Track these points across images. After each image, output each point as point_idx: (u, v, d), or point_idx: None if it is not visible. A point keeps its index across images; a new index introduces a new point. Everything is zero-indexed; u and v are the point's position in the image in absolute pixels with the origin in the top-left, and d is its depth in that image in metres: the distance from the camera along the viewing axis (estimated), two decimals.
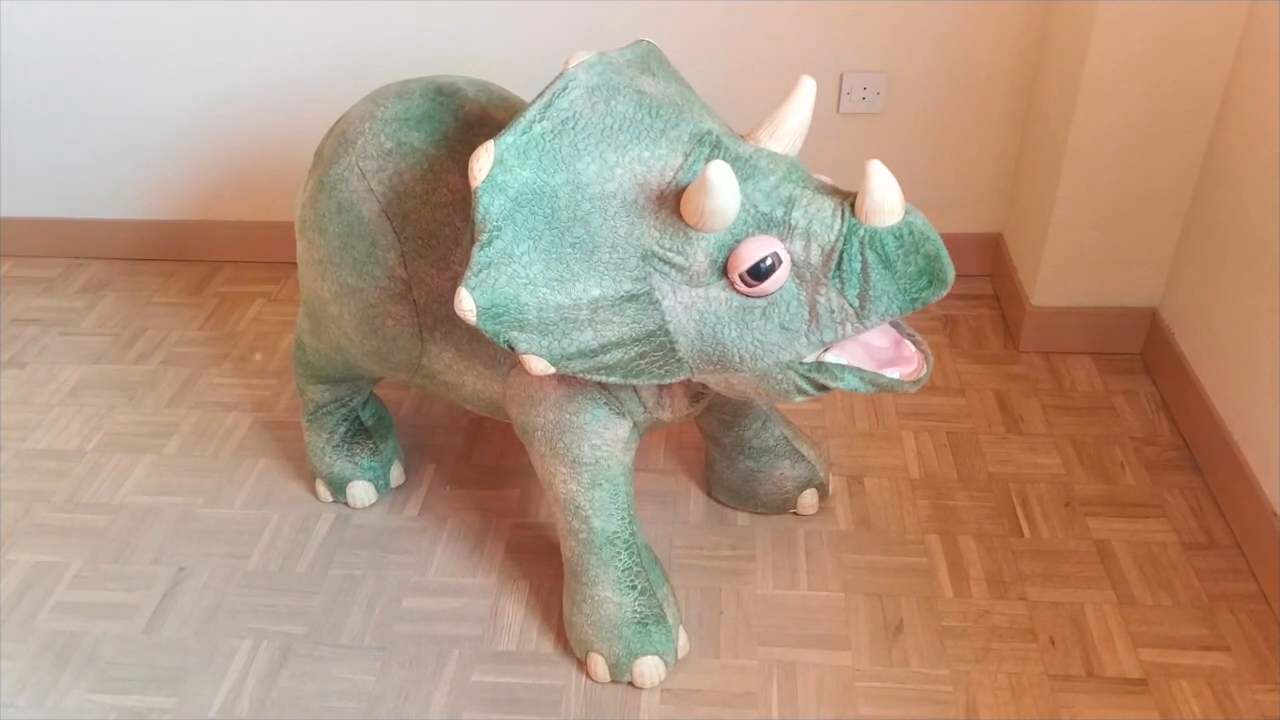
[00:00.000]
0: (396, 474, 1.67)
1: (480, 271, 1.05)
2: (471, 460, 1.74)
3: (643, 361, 1.14)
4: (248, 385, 1.94)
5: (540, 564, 1.54)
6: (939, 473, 1.68)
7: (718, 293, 1.08)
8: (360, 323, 1.39)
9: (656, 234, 1.07)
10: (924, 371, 1.14)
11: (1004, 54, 1.90)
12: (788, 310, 1.07)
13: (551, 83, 1.07)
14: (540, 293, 1.08)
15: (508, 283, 1.06)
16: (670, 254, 1.07)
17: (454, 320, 1.32)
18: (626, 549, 1.35)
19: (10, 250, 2.38)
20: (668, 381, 1.17)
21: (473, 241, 1.05)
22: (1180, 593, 1.45)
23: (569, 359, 1.12)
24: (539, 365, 1.11)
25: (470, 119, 1.30)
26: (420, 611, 1.48)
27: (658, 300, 1.10)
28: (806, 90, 1.12)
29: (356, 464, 1.63)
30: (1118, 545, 1.53)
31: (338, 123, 1.39)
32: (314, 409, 1.62)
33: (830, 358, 1.11)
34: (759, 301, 1.07)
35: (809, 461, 1.57)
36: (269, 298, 2.21)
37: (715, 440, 1.57)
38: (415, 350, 1.38)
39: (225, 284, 2.26)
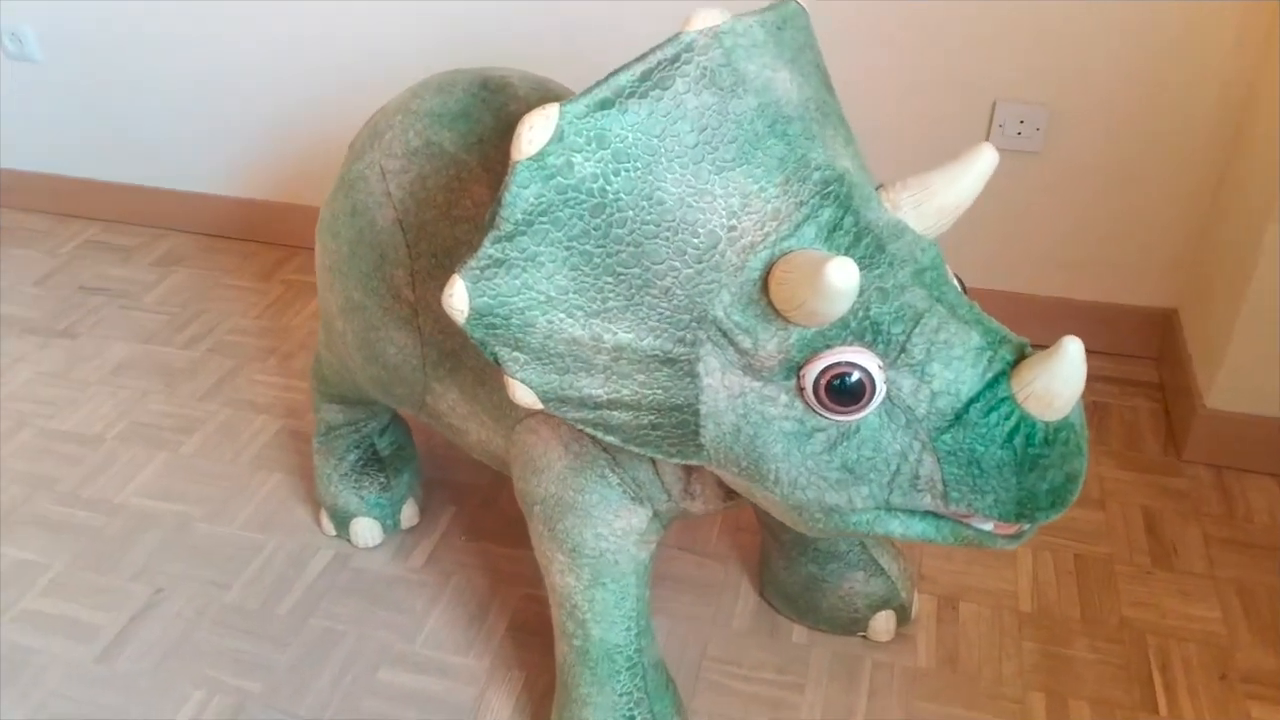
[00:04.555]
0: (409, 514, 1.46)
1: (488, 266, 0.81)
2: (495, 507, 1.51)
3: (654, 433, 0.88)
4: (286, 386, 1.77)
5: (543, 651, 1.29)
6: (1057, 608, 1.34)
7: (778, 394, 0.82)
8: (361, 345, 1.18)
9: (728, 299, 0.81)
10: (1027, 526, 0.85)
11: (1202, 95, 1.53)
12: (859, 451, 0.81)
13: (659, 47, 0.80)
14: (556, 317, 0.83)
15: (518, 292, 0.82)
16: (736, 331, 0.81)
17: (460, 358, 1.10)
18: (629, 669, 1.08)
19: (100, 214, 2.31)
20: (679, 462, 0.91)
21: (490, 225, 0.80)
22: None
23: (564, 403, 0.87)
24: (525, 396, 0.87)
25: (513, 121, 1.07)
26: (395, 688, 1.25)
27: (698, 374, 0.84)
28: (982, 163, 0.84)
29: (363, 498, 1.42)
30: None
31: (376, 113, 1.19)
32: (325, 430, 1.43)
33: (898, 501, 0.83)
34: (826, 425, 0.81)
35: (889, 577, 1.26)
36: None
37: (773, 533, 1.29)
38: (418, 386, 1.16)
39: (294, 272, 2.12)
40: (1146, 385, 1.72)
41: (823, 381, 0.80)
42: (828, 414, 0.81)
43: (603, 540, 1.04)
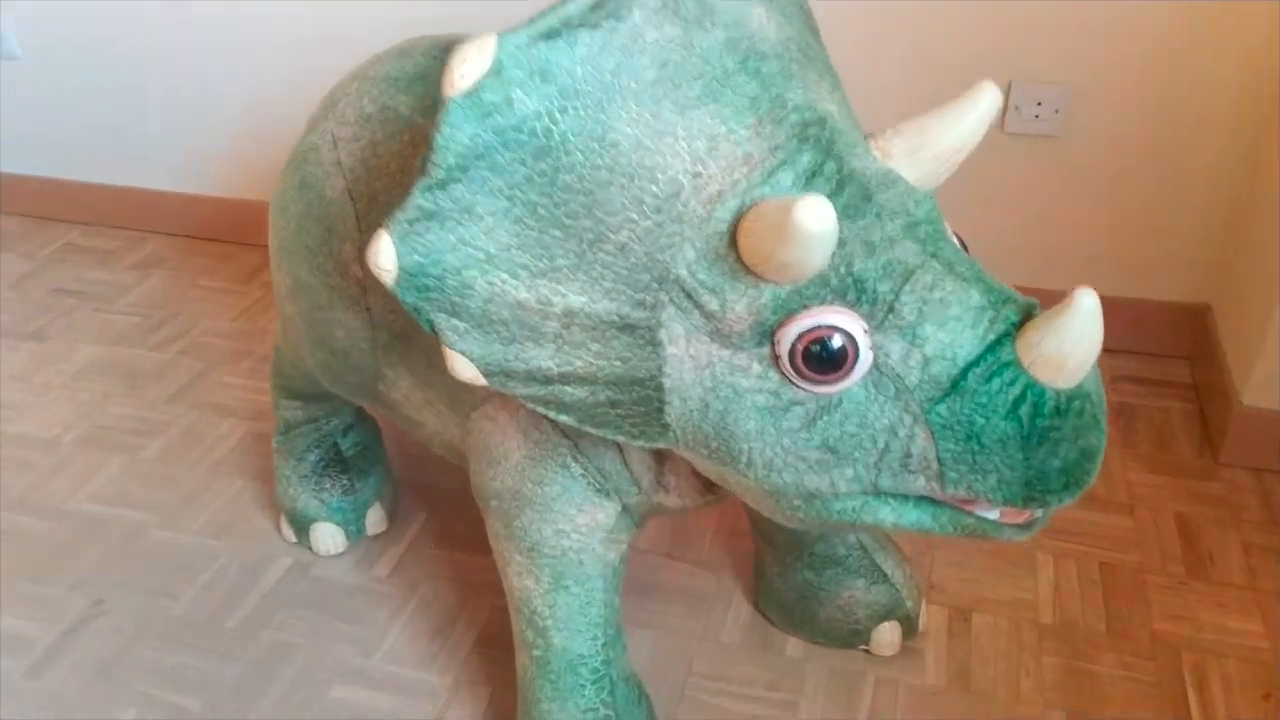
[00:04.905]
0: (375, 519, 1.35)
1: (418, 219, 0.70)
2: (470, 514, 1.39)
3: (613, 412, 0.77)
4: (258, 389, 1.67)
5: (513, 667, 1.17)
6: (1081, 620, 1.21)
7: (750, 364, 0.71)
8: (309, 328, 1.08)
9: (692, 254, 0.70)
10: (1039, 513, 0.73)
11: (1233, 72, 1.42)
12: (842, 426, 0.70)
13: None
14: (497, 277, 0.72)
15: (453, 249, 0.71)
16: (701, 291, 0.70)
17: (412, 340, 0.99)
18: (594, 682, 0.97)
19: (81, 216, 2.24)
20: (644, 446, 0.80)
21: (420, 172, 0.70)
22: None
23: (510, 377, 0.76)
24: (465, 370, 0.76)
25: None
26: (347, 706, 1.14)
27: (660, 342, 0.73)
28: (983, 101, 0.74)
29: (324, 502, 1.31)
30: None
31: (335, 84, 1.10)
32: (285, 428, 1.33)
33: (886, 484, 0.72)
34: (805, 397, 0.70)
35: (893, 584, 1.14)
36: None
37: (766, 537, 1.17)
38: (369, 373, 1.05)
39: None
40: (1179, 386, 1.59)
41: (800, 347, 0.69)
42: (806, 385, 0.70)
43: (564, 538, 0.92)
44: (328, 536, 1.32)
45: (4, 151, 2.22)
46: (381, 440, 1.39)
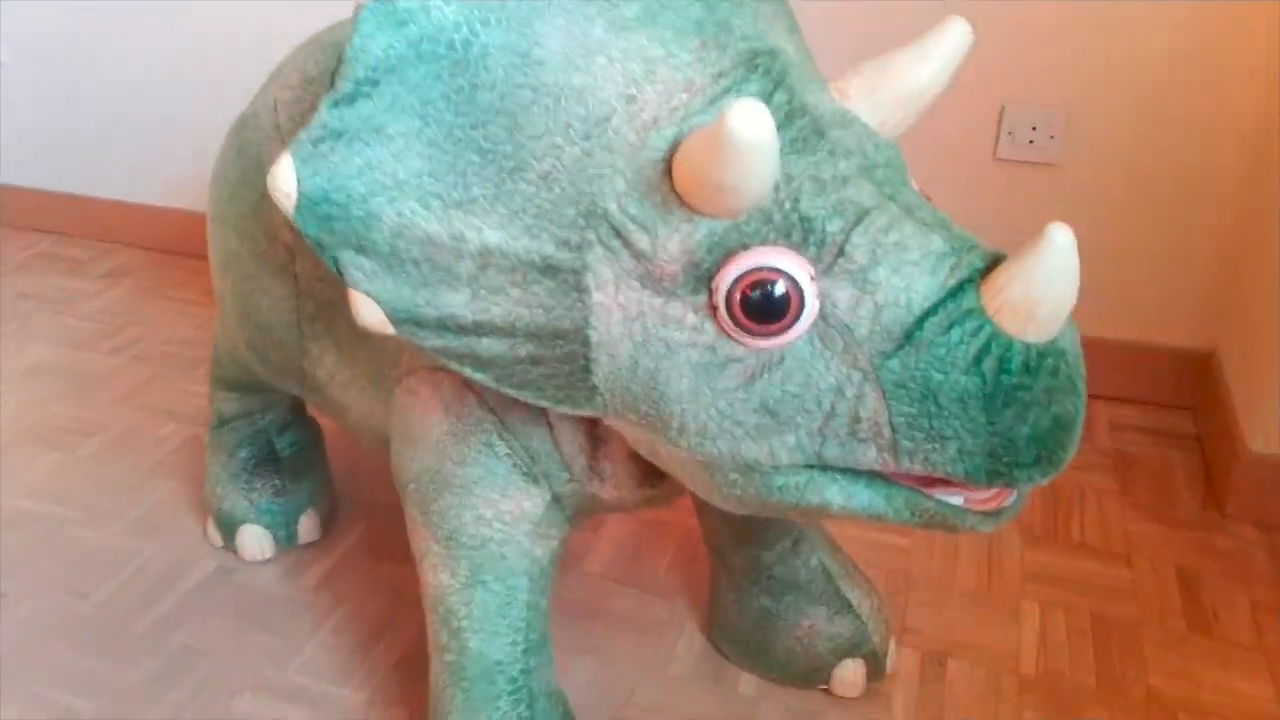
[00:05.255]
0: (308, 526, 1.25)
1: (323, 139, 0.64)
2: None
3: (535, 370, 0.69)
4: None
5: None
6: (1068, 673, 1.09)
7: (684, 314, 0.63)
8: (237, 301, 1.01)
9: (622, 185, 0.63)
10: (1009, 500, 0.64)
11: (1238, 95, 1.36)
12: (784, 385, 0.62)
13: None
14: (406, 207, 0.65)
15: (360, 173, 0.64)
16: (631, 226, 0.63)
17: (339, 309, 0.92)
18: (511, 693, 0.86)
19: (53, 226, 2.19)
20: (569, 412, 0.71)
21: (329, 86, 0.64)
22: None
23: (420, 325, 0.68)
24: (370, 315, 0.68)
25: None
26: (249, 718, 1.03)
27: (587, 287, 0.65)
28: (952, 39, 0.68)
29: (253, 503, 1.22)
30: None
31: None
32: (218, 422, 1.24)
33: (833, 454, 0.63)
34: (744, 353, 0.62)
35: (858, 615, 1.03)
36: None
37: (721, 556, 1.07)
38: (294, 347, 0.98)
39: None
40: (1183, 437, 1.49)
41: (737, 294, 0.61)
42: (745, 338, 0.62)
43: (486, 526, 0.83)
44: (254, 540, 1.22)
45: None
46: (321, 444, 1.30)
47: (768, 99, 0.64)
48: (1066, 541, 1.27)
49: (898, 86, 0.68)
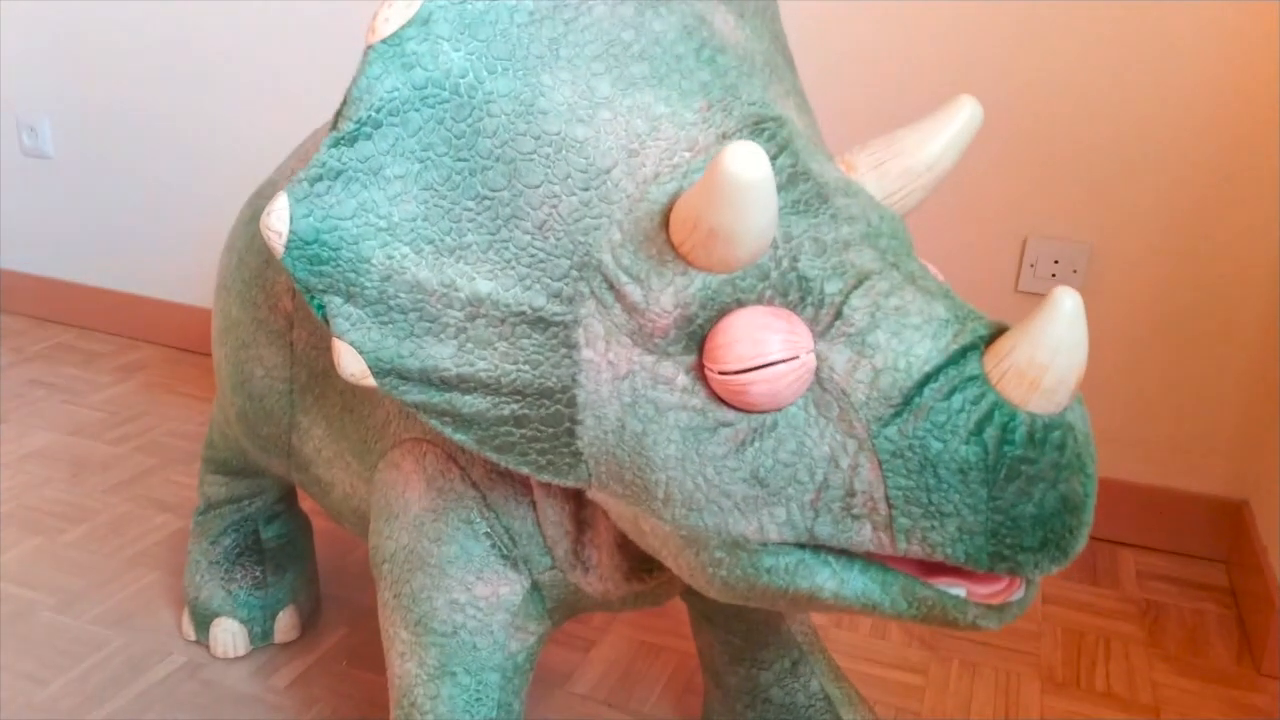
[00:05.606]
0: (286, 624, 1.19)
1: (320, 179, 0.62)
2: None
3: (518, 432, 0.66)
4: None
5: None
6: None
7: (675, 374, 0.60)
8: (232, 369, 0.99)
9: (618, 237, 0.62)
10: (1017, 594, 0.59)
11: (1272, 233, 1.34)
12: (775, 454, 0.58)
13: None
14: (397, 250, 0.63)
15: (354, 214, 0.62)
16: (624, 278, 0.61)
17: (330, 379, 0.89)
18: None
19: (79, 321, 2.21)
20: (552, 480, 0.67)
21: (331, 127, 0.63)
22: None
23: (402, 378, 0.65)
24: (352, 365, 0.65)
25: None
26: None
27: (576, 343, 0.63)
28: (962, 118, 0.67)
29: (231, 594, 1.17)
30: None
31: None
32: (205, 507, 1.20)
33: (825, 531, 0.59)
34: (735, 418, 0.59)
35: None
36: None
37: (715, 676, 1.00)
38: (284, 420, 0.95)
39: None
40: (1215, 589, 1.41)
41: (730, 355, 0.58)
42: (736, 401, 0.59)
43: (459, 611, 0.78)
44: (228, 635, 1.16)
45: (18, 249, 2.23)
46: (310, 539, 1.25)
47: (772, 161, 0.63)
48: (1090, 689, 1.19)
49: (905, 161, 0.67)
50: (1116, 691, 1.19)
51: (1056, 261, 1.42)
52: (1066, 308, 0.53)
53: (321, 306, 0.64)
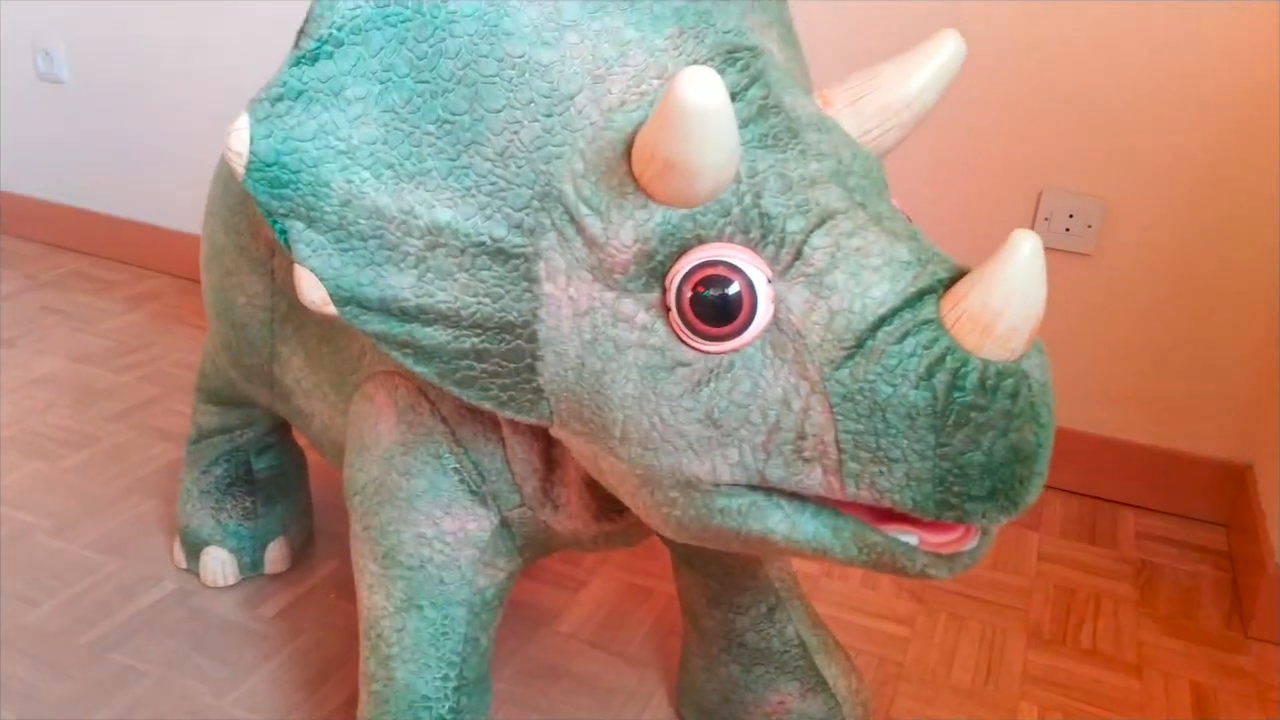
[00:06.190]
0: (276, 556, 1.21)
1: (281, 99, 0.61)
2: None
3: (479, 367, 0.65)
4: None
5: None
6: None
7: (634, 311, 0.59)
8: (216, 297, 0.99)
9: (580, 165, 0.60)
10: (970, 544, 0.58)
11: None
12: (730, 395, 0.57)
13: None
14: (357, 175, 0.62)
15: (314, 136, 0.61)
16: (584, 210, 0.60)
17: (309, 310, 0.88)
18: None
19: (93, 249, 2.22)
20: (514, 417, 0.66)
21: (293, 46, 0.62)
22: None
23: (362, 307, 0.64)
24: (313, 291, 0.64)
25: None
26: None
27: (537, 277, 0.62)
28: (943, 52, 0.65)
29: (220, 524, 1.18)
30: None
31: None
32: (197, 436, 1.21)
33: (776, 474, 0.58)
34: (693, 358, 0.58)
35: (833, 695, 0.95)
36: None
37: (693, 618, 1.00)
38: (265, 349, 0.95)
39: None
40: (1214, 553, 1.39)
41: (689, 290, 0.57)
42: (696, 340, 0.57)
43: (426, 545, 0.78)
44: (217, 563, 1.18)
45: (31, 174, 2.23)
46: (303, 472, 1.26)
47: (743, 92, 0.61)
48: (1075, 646, 1.18)
49: (883, 97, 0.64)
50: (1101, 649, 1.18)
51: (1071, 216, 1.39)
52: (1023, 251, 0.51)
53: (284, 231, 0.64)
